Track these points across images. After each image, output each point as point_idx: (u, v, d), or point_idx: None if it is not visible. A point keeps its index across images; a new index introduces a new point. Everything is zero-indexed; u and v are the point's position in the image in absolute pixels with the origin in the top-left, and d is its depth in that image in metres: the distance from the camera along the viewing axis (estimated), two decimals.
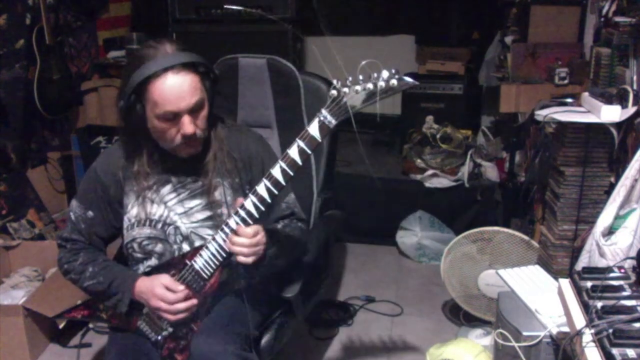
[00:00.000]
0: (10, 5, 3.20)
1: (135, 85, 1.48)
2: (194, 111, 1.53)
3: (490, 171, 3.35)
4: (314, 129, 1.40)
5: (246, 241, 1.48)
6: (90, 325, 2.61)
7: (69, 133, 3.69)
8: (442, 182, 3.31)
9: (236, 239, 1.49)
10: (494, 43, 3.69)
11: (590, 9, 2.64)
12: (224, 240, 1.53)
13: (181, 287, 1.58)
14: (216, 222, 1.65)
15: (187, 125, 1.52)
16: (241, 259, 1.50)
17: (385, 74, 1.31)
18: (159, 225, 1.66)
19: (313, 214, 2.13)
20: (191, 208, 1.66)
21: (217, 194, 1.65)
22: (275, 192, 1.46)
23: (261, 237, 1.52)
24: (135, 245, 1.67)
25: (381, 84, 1.31)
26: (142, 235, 1.65)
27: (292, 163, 1.44)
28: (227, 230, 1.52)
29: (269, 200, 1.47)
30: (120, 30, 4.14)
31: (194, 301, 1.59)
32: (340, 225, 2.27)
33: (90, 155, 3.52)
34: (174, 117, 1.51)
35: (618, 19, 2.02)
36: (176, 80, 1.48)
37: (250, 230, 1.49)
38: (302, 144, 1.42)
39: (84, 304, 1.73)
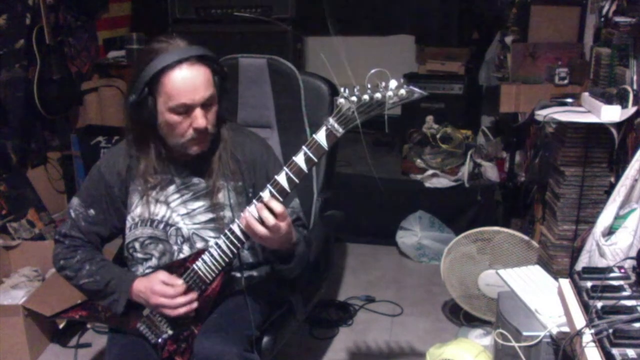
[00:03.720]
0: (10, 5, 3.20)
1: (150, 77, 1.48)
2: (206, 105, 1.53)
3: (490, 171, 3.35)
4: (321, 137, 1.39)
5: (277, 223, 1.43)
6: (89, 326, 2.61)
7: (69, 133, 3.69)
8: (442, 182, 3.31)
9: (265, 214, 1.43)
10: (494, 43, 3.68)
11: (590, 9, 2.64)
12: (227, 246, 1.53)
13: (179, 280, 1.57)
14: (218, 224, 1.65)
15: (200, 119, 1.51)
16: (259, 233, 1.44)
17: (393, 83, 1.31)
18: (161, 226, 1.65)
19: (313, 214, 2.13)
20: (194, 209, 1.66)
21: (221, 197, 1.65)
22: (280, 199, 1.45)
23: (286, 224, 1.46)
24: (137, 245, 1.66)
25: (389, 94, 1.31)
26: (144, 235, 1.65)
27: (298, 171, 1.43)
28: (230, 236, 1.52)
29: None
30: (120, 30, 4.15)
31: (194, 294, 1.58)
32: (340, 225, 2.27)
33: (90, 155, 3.52)
34: (187, 111, 1.51)
35: (618, 19, 2.01)
36: (191, 72, 1.49)
37: (279, 207, 1.43)
38: (308, 152, 1.41)
39: (82, 304, 1.72)
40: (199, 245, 1.65)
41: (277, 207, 1.43)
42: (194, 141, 1.56)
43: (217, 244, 1.55)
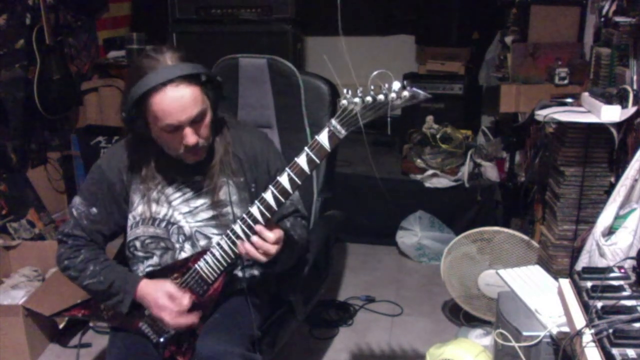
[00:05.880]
0: (10, 5, 3.20)
1: (135, 99, 1.48)
2: (195, 122, 1.52)
3: (490, 171, 3.35)
4: (323, 139, 1.39)
5: (270, 248, 1.47)
6: (91, 325, 2.62)
7: (69, 133, 3.69)
8: (442, 182, 3.31)
9: (257, 241, 1.47)
10: (494, 43, 3.68)
11: (590, 9, 2.64)
12: (229, 246, 1.53)
13: (186, 299, 1.57)
14: (220, 221, 1.65)
15: (190, 137, 1.51)
16: (247, 252, 1.49)
17: (396, 85, 1.30)
18: (163, 225, 1.66)
19: (313, 214, 2.13)
20: (196, 207, 1.66)
21: (222, 194, 1.65)
22: (282, 200, 1.45)
23: (280, 247, 1.51)
24: (138, 244, 1.67)
25: (392, 95, 1.30)
26: (145, 234, 1.66)
27: (300, 172, 1.43)
28: (232, 236, 1.52)
29: (275, 208, 1.46)
30: (120, 30, 4.15)
31: (196, 317, 1.59)
32: (340, 225, 2.27)
33: (90, 155, 3.52)
34: (176, 129, 1.51)
35: (618, 19, 2.02)
36: (176, 93, 1.47)
37: (272, 237, 1.47)
38: (311, 154, 1.41)
39: (84, 303, 1.73)
40: (202, 243, 1.65)
41: (270, 237, 1.46)
42: (188, 154, 1.57)
43: (218, 244, 1.55)
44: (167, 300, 1.57)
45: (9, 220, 3.12)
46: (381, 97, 1.31)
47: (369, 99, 1.31)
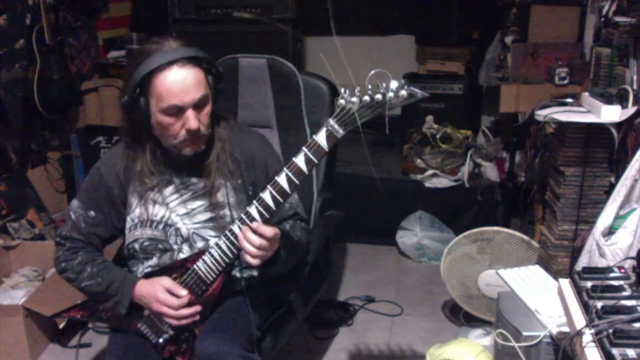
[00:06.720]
0: (10, 5, 3.20)
1: (140, 78, 1.48)
2: (198, 106, 1.53)
3: (490, 171, 3.35)
4: (321, 138, 1.39)
5: (264, 243, 1.45)
6: (90, 325, 2.61)
7: (69, 133, 3.69)
8: (442, 182, 3.31)
9: (252, 236, 1.45)
10: (494, 43, 3.69)
11: (590, 9, 2.64)
12: (228, 247, 1.53)
13: (184, 291, 1.57)
14: (218, 223, 1.65)
15: (192, 120, 1.51)
16: (248, 258, 1.47)
17: (394, 84, 1.30)
18: (160, 227, 1.66)
19: (313, 214, 2.13)
20: (193, 209, 1.66)
21: (220, 196, 1.65)
22: (281, 200, 1.44)
23: (276, 243, 1.50)
24: (137, 246, 1.67)
25: (390, 95, 1.30)
26: (144, 236, 1.65)
27: (298, 172, 1.42)
28: (230, 236, 1.51)
29: (274, 208, 1.45)
30: (120, 30, 4.15)
31: (198, 307, 1.59)
32: (340, 225, 2.27)
33: (90, 155, 3.52)
34: (178, 112, 1.51)
35: (618, 19, 2.01)
36: (181, 73, 1.49)
37: (269, 232, 1.45)
38: (309, 153, 1.40)
39: (83, 304, 1.73)
40: (199, 244, 1.65)
41: (265, 231, 1.44)
42: (187, 142, 1.56)
43: (217, 244, 1.55)
44: (165, 294, 1.57)
45: (9, 220, 3.12)
46: (379, 96, 1.30)
47: (366, 98, 1.31)
